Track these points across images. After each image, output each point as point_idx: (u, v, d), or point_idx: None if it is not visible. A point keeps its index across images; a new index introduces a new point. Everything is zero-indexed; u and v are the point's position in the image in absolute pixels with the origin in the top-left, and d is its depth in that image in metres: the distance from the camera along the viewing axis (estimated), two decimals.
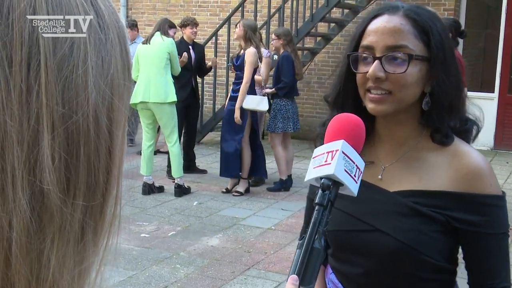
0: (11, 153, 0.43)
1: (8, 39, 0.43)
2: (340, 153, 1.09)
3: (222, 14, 11.04)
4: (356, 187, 1.11)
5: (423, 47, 1.39)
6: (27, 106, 0.43)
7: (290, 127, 7.11)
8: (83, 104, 0.46)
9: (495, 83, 10.11)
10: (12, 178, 0.43)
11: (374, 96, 1.39)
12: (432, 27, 1.40)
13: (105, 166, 0.49)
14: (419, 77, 1.39)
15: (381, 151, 1.51)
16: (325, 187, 1.07)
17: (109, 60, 0.49)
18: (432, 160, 1.44)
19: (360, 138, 1.15)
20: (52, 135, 0.44)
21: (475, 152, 1.44)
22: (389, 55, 1.37)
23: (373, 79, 1.37)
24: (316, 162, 1.12)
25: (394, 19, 1.39)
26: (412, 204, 1.40)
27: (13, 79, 0.43)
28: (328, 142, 1.13)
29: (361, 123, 1.17)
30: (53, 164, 0.44)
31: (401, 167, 1.47)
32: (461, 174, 1.40)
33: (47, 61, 0.44)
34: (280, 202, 6.70)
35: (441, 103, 1.41)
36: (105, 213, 0.50)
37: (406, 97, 1.39)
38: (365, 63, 1.41)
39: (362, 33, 1.44)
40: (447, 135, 1.43)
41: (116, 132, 0.50)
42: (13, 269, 0.44)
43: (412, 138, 1.47)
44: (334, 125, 1.17)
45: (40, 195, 0.44)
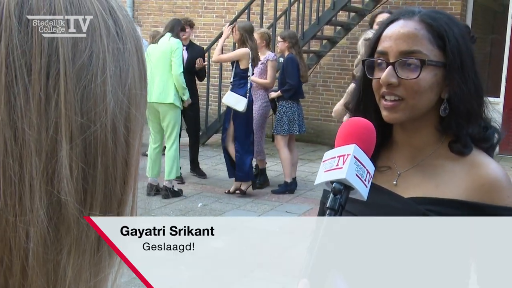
0: (29, 163, 0.42)
1: (27, 47, 0.43)
2: (351, 158, 1.09)
3: (228, 16, 11.05)
4: (366, 191, 1.11)
5: (438, 52, 1.37)
6: (46, 115, 0.43)
7: (296, 129, 7.10)
8: (102, 114, 0.45)
9: (500, 88, 10.09)
10: (29, 187, 0.42)
11: (387, 103, 1.38)
12: (448, 31, 1.37)
13: (122, 177, 0.48)
14: (434, 83, 1.37)
15: (397, 157, 1.50)
16: (336, 191, 1.07)
17: (127, 70, 0.48)
18: (449, 169, 1.42)
19: (370, 143, 1.15)
20: (70, 145, 0.44)
21: (493, 163, 1.41)
22: (402, 60, 1.36)
23: (386, 85, 1.36)
24: (327, 166, 1.12)
25: (409, 24, 1.38)
26: (426, 211, 1.38)
27: (32, 87, 0.43)
28: (339, 146, 1.13)
29: (372, 127, 1.17)
30: (71, 174, 0.44)
31: (417, 174, 1.45)
32: (478, 184, 1.38)
33: (67, 70, 0.44)
34: (285, 205, 6.69)
35: (459, 110, 1.38)
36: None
37: (420, 103, 1.37)
38: (379, 68, 1.40)
39: (378, 39, 1.43)
40: (465, 145, 1.40)
41: (133, 142, 0.49)
42: (29, 280, 0.44)
43: (429, 145, 1.45)
44: (345, 129, 1.17)
45: (57, 206, 0.44)
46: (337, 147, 1.14)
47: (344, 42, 10.27)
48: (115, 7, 0.50)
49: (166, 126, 6.76)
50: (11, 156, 0.42)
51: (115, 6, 0.50)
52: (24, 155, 0.42)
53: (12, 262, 0.43)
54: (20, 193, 0.42)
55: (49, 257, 0.44)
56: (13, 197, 0.42)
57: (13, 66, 0.42)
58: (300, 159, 7.84)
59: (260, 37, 7.24)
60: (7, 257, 0.43)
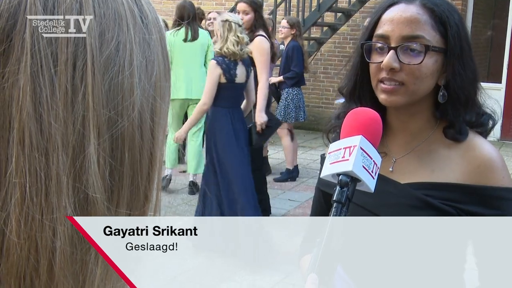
0: (56, 158, 0.41)
1: (53, 36, 0.41)
2: (358, 149, 1.06)
3: (228, 3, 10.99)
4: (373, 183, 1.09)
5: (439, 38, 1.35)
6: (73, 108, 0.41)
7: (302, 116, 7.09)
8: (129, 108, 0.44)
9: (502, 74, 10.07)
10: (57, 184, 0.41)
11: (386, 87, 1.35)
12: (449, 17, 1.36)
13: (147, 172, 0.47)
14: (434, 69, 1.36)
15: (392, 143, 1.49)
16: (343, 183, 1.05)
17: (153, 61, 0.47)
18: (444, 153, 1.41)
19: (377, 134, 1.13)
20: (98, 139, 0.42)
21: (487, 144, 1.41)
22: (405, 45, 1.34)
23: (387, 69, 1.34)
24: (333, 158, 1.09)
25: (411, 8, 1.36)
26: (424, 196, 1.38)
27: (58, 78, 0.41)
28: (345, 137, 1.11)
29: (379, 118, 1.15)
30: (99, 170, 0.42)
31: (412, 160, 1.45)
32: (473, 166, 1.38)
33: (94, 60, 0.42)
34: (287, 193, 6.69)
35: (457, 97, 1.38)
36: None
37: (420, 89, 1.36)
38: (379, 53, 1.38)
39: (376, 22, 1.40)
40: (460, 131, 1.39)
41: (158, 136, 0.48)
42: (56, 281, 0.42)
43: (424, 131, 1.44)
44: (351, 120, 1.14)
45: (85, 203, 0.42)
46: (343, 138, 1.11)
47: (345, 29, 10.23)
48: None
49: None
50: (37, 150, 0.40)
51: None
52: (50, 150, 0.40)
53: (39, 262, 0.41)
54: (46, 189, 0.41)
55: (77, 257, 0.43)
56: (39, 194, 0.40)
57: (39, 55, 0.41)
58: (301, 147, 7.84)
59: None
60: (34, 257, 0.41)
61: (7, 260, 0.41)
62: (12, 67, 0.40)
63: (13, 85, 0.40)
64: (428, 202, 1.37)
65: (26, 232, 0.41)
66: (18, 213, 0.40)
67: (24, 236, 0.41)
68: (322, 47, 10.28)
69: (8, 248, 0.40)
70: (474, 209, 1.36)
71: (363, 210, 1.44)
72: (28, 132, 0.40)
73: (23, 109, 0.40)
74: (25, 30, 0.41)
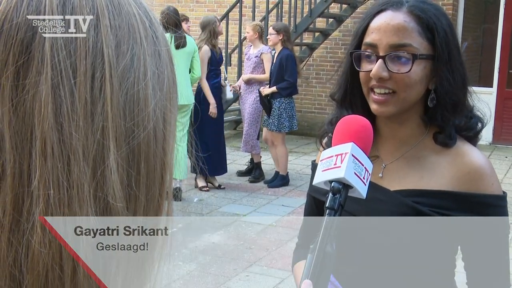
0: (77, 167, 0.41)
1: (72, 48, 0.42)
2: (350, 156, 1.07)
3: (220, 10, 11.01)
4: (365, 189, 1.10)
5: (427, 45, 1.36)
6: (92, 119, 0.42)
7: (295, 125, 7.11)
8: (145, 119, 0.45)
9: (493, 78, 10.12)
10: (78, 193, 0.41)
11: (378, 98, 1.36)
12: (437, 23, 1.36)
13: (159, 181, 0.48)
14: (423, 76, 1.36)
15: (381, 148, 1.49)
16: (335, 190, 1.06)
17: (163, 73, 0.48)
18: (433, 160, 1.42)
19: (368, 141, 1.14)
20: (117, 149, 0.43)
21: (476, 151, 1.42)
22: (393, 54, 1.34)
23: (377, 78, 1.35)
24: (325, 165, 1.10)
25: (398, 16, 1.36)
26: (413, 203, 1.38)
27: (78, 90, 0.41)
28: (336, 144, 1.12)
29: (369, 125, 1.16)
30: (119, 179, 0.43)
31: (402, 166, 1.45)
32: (462, 173, 1.38)
33: (112, 72, 0.43)
34: (281, 198, 6.69)
35: (445, 102, 1.38)
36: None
37: (411, 96, 1.37)
38: (368, 61, 1.38)
39: (365, 29, 1.40)
40: (450, 136, 1.40)
41: (169, 145, 0.48)
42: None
43: (414, 137, 1.45)
44: (343, 127, 1.15)
45: (106, 211, 0.43)
46: (335, 145, 1.12)
47: (336, 34, 10.26)
48: (147, 9, 0.49)
49: (184, 126, 6.61)
50: (59, 161, 0.41)
51: (147, 8, 0.49)
52: (72, 160, 0.41)
53: (63, 271, 0.42)
54: (69, 199, 0.41)
55: (99, 266, 0.43)
56: (62, 204, 0.41)
57: (59, 68, 0.41)
58: (294, 152, 7.87)
59: (252, 29, 7.21)
60: (58, 266, 0.41)
61: (33, 269, 0.41)
62: (32, 79, 0.41)
63: (34, 97, 0.41)
64: (418, 209, 1.37)
65: (50, 241, 0.41)
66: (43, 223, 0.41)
67: (49, 246, 0.41)
68: (314, 53, 10.31)
69: (33, 257, 0.41)
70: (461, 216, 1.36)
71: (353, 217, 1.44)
72: (50, 143, 0.41)
73: (45, 120, 0.41)
74: (44, 42, 0.41)
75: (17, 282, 0.41)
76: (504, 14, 9.90)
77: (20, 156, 0.41)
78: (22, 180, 0.41)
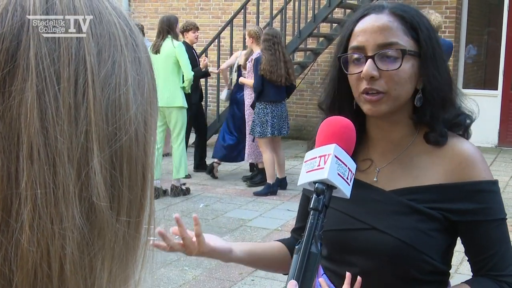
0: (62, 169, 0.43)
1: (56, 56, 0.44)
2: (332, 157, 1.10)
3: (224, 16, 11.06)
4: (349, 189, 1.12)
5: (413, 43, 1.39)
6: (76, 123, 0.44)
7: (269, 132, 6.87)
8: (127, 123, 0.47)
9: (498, 81, 10.10)
10: (63, 194, 0.43)
11: (370, 97, 1.37)
12: (419, 22, 1.40)
13: (141, 182, 0.50)
14: (412, 73, 1.38)
15: (374, 152, 1.51)
16: (319, 191, 1.08)
17: (143, 79, 0.50)
18: (426, 159, 1.44)
19: (351, 141, 1.17)
20: (100, 151, 0.45)
21: (465, 141, 1.45)
22: (381, 52, 1.36)
23: (368, 78, 1.36)
24: (309, 166, 1.13)
25: (381, 18, 1.39)
26: (408, 201, 1.40)
27: (62, 95, 0.43)
28: (319, 146, 1.14)
29: (351, 125, 1.18)
30: (103, 180, 0.45)
31: (396, 168, 1.47)
32: (454, 164, 1.40)
33: (94, 78, 0.45)
34: (286, 203, 6.71)
35: (433, 99, 1.40)
36: (140, 231, 0.51)
37: (401, 94, 1.38)
38: (356, 64, 1.40)
39: (349, 35, 1.43)
40: (441, 133, 1.42)
41: (149, 148, 0.51)
42: (67, 285, 0.44)
43: (405, 139, 1.47)
44: (325, 129, 1.18)
45: (91, 211, 0.45)
46: (318, 147, 1.15)
47: None
48: (127, 18, 0.51)
49: (174, 127, 6.82)
50: (45, 163, 0.43)
51: (127, 17, 0.51)
52: (57, 162, 0.43)
53: (51, 268, 0.44)
54: (56, 199, 0.43)
55: (85, 262, 0.45)
56: (49, 204, 0.43)
57: (43, 75, 0.43)
58: (299, 157, 7.87)
59: (248, 34, 7.30)
60: (46, 263, 0.44)
61: (22, 267, 0.43)
62: (18, 86, 0.43)
63: (20, 103, 0.43)
64: (413, 207, 1.40)
65: (38, 240, 0.43)
66: (31, 223, 0.43)
67: (37, 244, 0.43)
68: (318, 58, 10.32)
69: (22, 256, 0.43)
70: (459, 207, 1.38)
71: (350, 218, 1.46)
72: (36, 147, 0.43)
73: (31, 125, 0.43)
74: (29, 50, 0.43)
75: (7, 280, 0.43)
76: (508, 17, 9.90)
77: (8, 159, 0.43)
78: (10, 183, 0.43)
